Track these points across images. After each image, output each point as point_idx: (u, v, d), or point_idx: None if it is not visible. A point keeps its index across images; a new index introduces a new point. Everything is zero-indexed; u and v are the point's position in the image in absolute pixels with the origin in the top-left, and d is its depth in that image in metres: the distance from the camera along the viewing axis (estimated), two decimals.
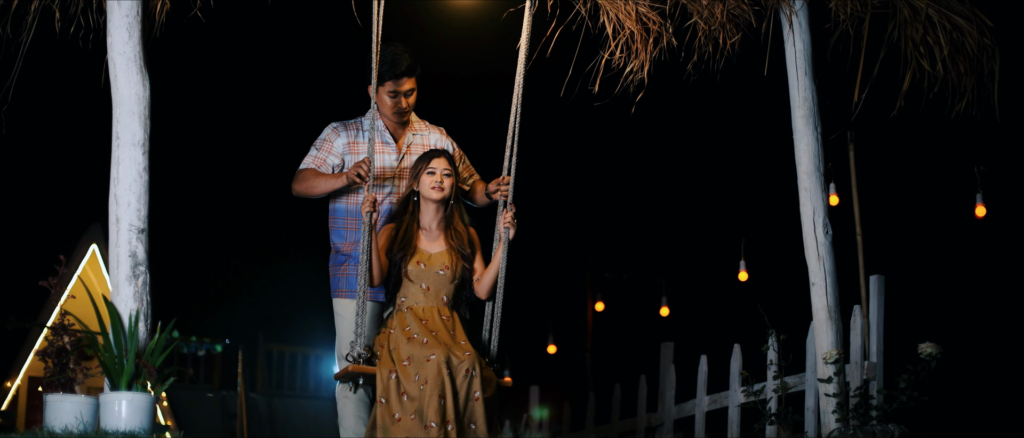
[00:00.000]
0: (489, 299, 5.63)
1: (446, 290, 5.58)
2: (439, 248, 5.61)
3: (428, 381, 5.18)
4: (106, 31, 5.07)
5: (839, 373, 5.46)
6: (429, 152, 5.67)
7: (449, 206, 5.66)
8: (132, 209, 4.95)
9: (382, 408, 5.22)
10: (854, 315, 6.54)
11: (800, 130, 5.78)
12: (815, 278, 5.69)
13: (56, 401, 4.60)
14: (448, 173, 5.60)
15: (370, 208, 5.39)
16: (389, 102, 5.72)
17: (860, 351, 6.47)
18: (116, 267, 4.90)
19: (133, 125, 5.02)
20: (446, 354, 5.23)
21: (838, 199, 8.72)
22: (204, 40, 9.85)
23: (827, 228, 5.71)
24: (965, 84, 5.94)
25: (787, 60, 5.84)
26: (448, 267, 5.57)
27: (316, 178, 5.67)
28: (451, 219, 5.67)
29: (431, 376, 5.18)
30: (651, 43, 5.88)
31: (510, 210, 5.61)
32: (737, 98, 11.93)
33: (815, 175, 5.74)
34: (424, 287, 5.54)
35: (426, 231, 5.63)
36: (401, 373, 5.23)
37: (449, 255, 5.60)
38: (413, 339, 5.36)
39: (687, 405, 8.63)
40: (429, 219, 5.64)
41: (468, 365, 5.22)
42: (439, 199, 5.59)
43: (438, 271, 5.56)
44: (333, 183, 5.62)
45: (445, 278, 5.57)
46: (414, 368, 5.23)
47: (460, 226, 5.68)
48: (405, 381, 5.22)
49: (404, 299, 5.55)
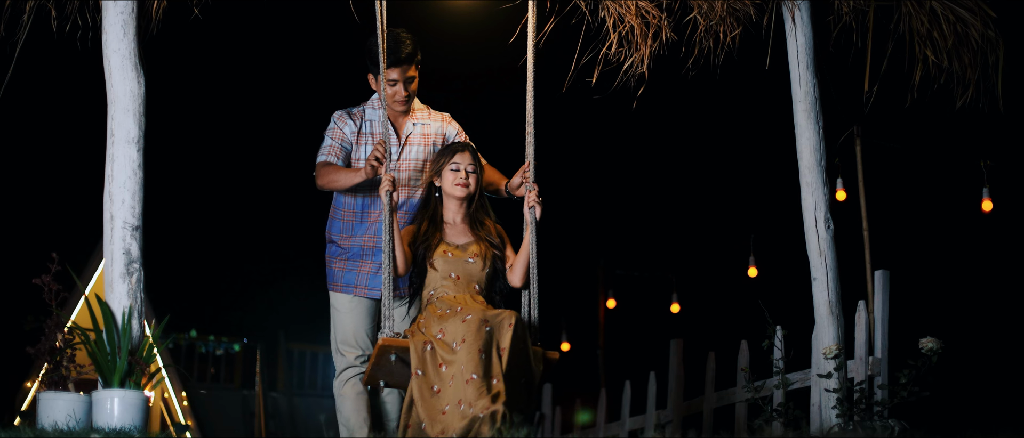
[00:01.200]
0: (524, 287, 5.40)
1: (478, 279, 5.32)
2: (467, 239, 5.40)
3: (466, 339, 4.86)
4: (102, 29, 5.08)
5: (839, 368, 5.40)
6: (453, 146, 5.48)
7: (473, 202, 5.48)
8: (126, 206, 4.95)
9: (419, 380, 4.93)
10: (859, 310, 6.48)
11: (801, 124, 5.73)
12: (817, 273, 5.65)
13: (49, 399, 4.60)
14: (473, 169, 5.42)
15: (389, 187, 5.20)
16: (390, 90, 5.56)
17: (864, 346, 6.40)
18: (110, 264, 4.90)
19: (128, 122, 5.02)
20: (483, 313, 4.96)
21: (845, 194, 8.66)
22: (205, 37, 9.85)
23: (829, 223, 5.66)
24: (969, 76, 5.89)
25: (789, 54, 5.79)
26: (478, 255, 5.34)
27: (337, 172, 5.50)
28: (476, 214, 5.47)
29: (469, 333, 4.87)
30: (650, 37, 5.84)
31: (533, 190, 5.43)
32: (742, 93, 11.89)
33: (817, 169, 5.69)
34: (453, 276, 5.29)
35: (450, 226, 5.43)
36: (437, 344, 4.94)
37: (478, 244, 5.38)
38: (445, 315, 5.09)
39: (696, 402, 8.59)
40: (452, 214, 5.44)
41: (510, 318, 4.92)
42: (463, 196, 5.41)
43: (467, 260, 5.32)
44: (354, 177, 5.44)
45: (475, 266, 5.33)
46: (450, 334, 4.93)
47: (487, 220, 5.47)
48: (442, 350, 4.91)
49: (433, 291, 5.29)
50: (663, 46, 5.87)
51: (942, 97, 5.98)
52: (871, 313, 6.52)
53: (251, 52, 17.56)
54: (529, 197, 5.43)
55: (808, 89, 5.72)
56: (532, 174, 5.47)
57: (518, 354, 4.96)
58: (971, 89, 5.88)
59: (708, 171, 17.94)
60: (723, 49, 5.89)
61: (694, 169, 18.11)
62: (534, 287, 5.39)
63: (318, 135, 5.79)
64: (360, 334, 5.59)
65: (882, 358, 6.37)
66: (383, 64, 5.40)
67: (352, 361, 5.59)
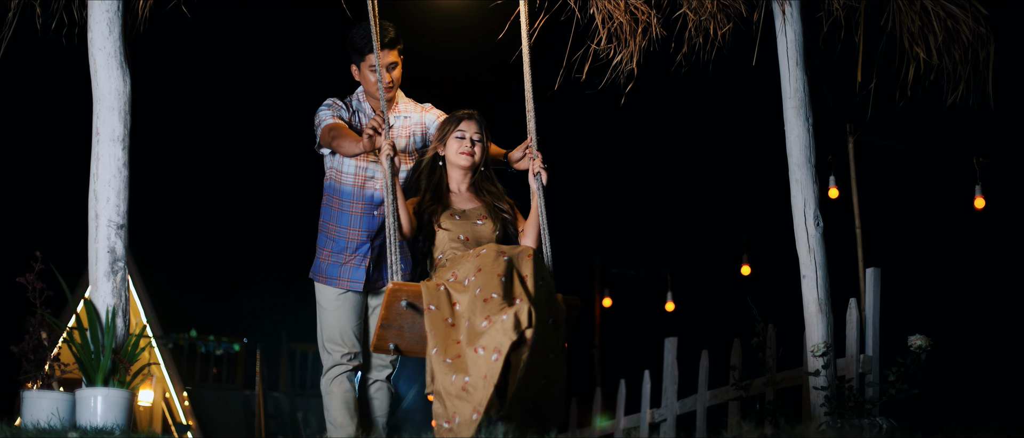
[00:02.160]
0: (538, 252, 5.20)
1: (488, 240, 5.13)
2: (473, 204, 5.28)
3: (481, 268, 4.62)
4: (87, 27, 5.07)
5: (828, 366, 5.38)
6: (458, 114, 5.34)
7: (477, 172, 5.35)
8: (111, 205, 4.94)
9: (431, 315, 4.67)
10: (850, 308, 6.46)
11: (791, 121, 5.70)
12: (806, 270, 5.62)
13: (33, 397, 4.59)
14: (479, 138, 5.28)
15: (390, 151, 5.06)
16: (372, 78, 5.54)
17: (856, 344, 6.39)
18: (95, 263, 4.88)
19: (113, 121, 5.00)
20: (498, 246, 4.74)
21: (838, 192, 8.65)
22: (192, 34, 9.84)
23: (818, 220, 5.63)
24: (960, 73, 5.87)
25: (779, 50, 5.76)
26: (486, 217, 5.21)
27: (343, 135, 5.39)
28: (482, 184, 5.34)
29: (485, 263, 4.63)
30: (639, 33, 5.82)
31: (537, 157, 5.31)
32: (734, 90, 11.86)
33: (806, 166, 5.66)
34: (462, 238, 5.12)
35: (455, 194, 5.30)
36: (450, 286, 4.70)
37: (486, 208, 5.25)
38: (456, 258, 4.90)
39: (689, 400, 8.57)
40: (457, 184, 5.32)
41: (528, 250, 4.72)
42: (468, 166, 5.28)
43: (476, 221, 5.19)
44: (354, 147, 5.33)
45: (485, 228, 5.17)
46: (463, 272, 4.70)
47: (493, 188, 5.35)
48: (455, 290, 4.66)
49: (442, 255, 5.09)
50: (653, 42, 5.85)
51: (933, 94, 5.96)
52: (862, 311, 6.51)
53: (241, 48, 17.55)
54: (534, 164, 5.31)
55: (797, 86, 5.70)
56: (535, 146, 5.40)
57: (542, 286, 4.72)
58: (962, 86, 5.86)
59: (702, 169, 17.93)
60: (713, 45, 5.87)
61: (688, 167, 18.09)
62: (547, 250, 5.23)
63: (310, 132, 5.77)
64: (347, 331, 5.56)
65: (873, 356, 6.36)
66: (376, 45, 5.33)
67: (339, 359, 5.56)
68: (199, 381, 21.14)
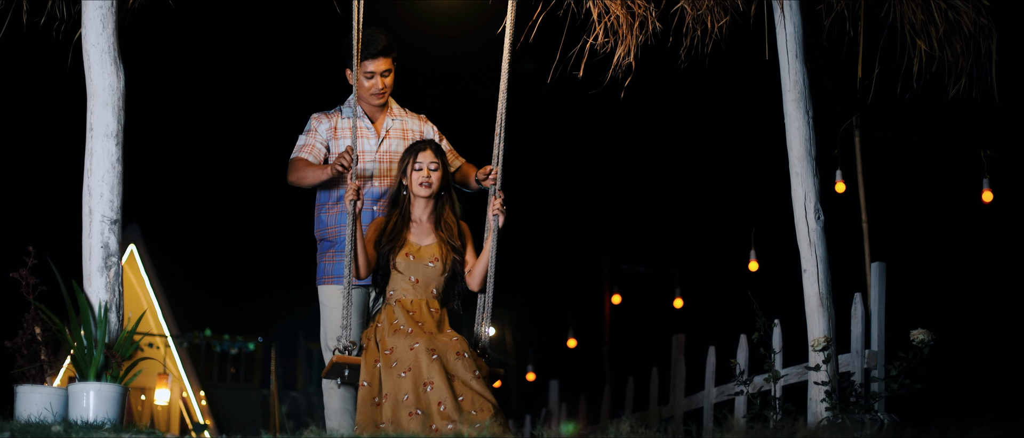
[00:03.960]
0: (481, 291, 5.51)
1: (436, 283, 5.46)
2: (429, 240, 5.50)
3: (410, 369, 5.07)
4: (81, 23, 5.07)
5: (828, 361, 5.34)
6: (414, 145, 5.55)
7: (440, 199, 5.55)
8: (105, 200, 4.94)
9: (364, 390, 5.13)
10: (854, 303, 6.41)
11: (791, 114, 5.66)
12: (807, 264, 5.57)
13: (26, 392, 4.58)
14: (435, 167, 5.48)
15: (353, 196, 5.29)
16: (366, 84, 5.66)
17: (861, 339, 6.34)
18: (88, 258, 4.88)
19: (106, 116, 5.00)
20: (429, 342, 5.12)
21: (845, 186, 8.58)
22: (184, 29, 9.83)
23: (819, 213, 5.58)
24: (962, 65, 5.82)
25: (778, 43, 5.71)
26: (438, 259, 5.45)
27: (306, 169, 5.62)
28: (442, 212, 5.55)
29: (414, 364, 5.07)
30: (636, 28, 5.79)
31: (498, 197, 5.49)
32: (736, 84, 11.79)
33: (806, 160, 5.61)
34: (413, 280, 5.42)
35: (416, 224, 5.52)
36: (384, 362, 5.14)
37: (439, 247, 5.48)
38: (399, 330, 5.26)
39: (696, 397, 8.54)
40: (419, 212, 5.53)
41: (458, 347, 5.12)
42: (427, 195, 5.49)
43: (428, 263, 5.45)
44: (320, 175, 5.56)
45: (435, 271, 5.45)
46: (396, 355, 5.12)
47: (450, 219, 5.55)
48: (386, 373, 5.12)
49: (392, 292, 5.43)
50: (650, 37, 5.81)
51: (938, 87, 5.91)
52: (867, 306, 6.45)
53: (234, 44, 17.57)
54: (494, 204, 5.47)
55: (797, 79, 5.65)
56: (500, 180, 5.48)
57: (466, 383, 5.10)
58: (964, 78, 5.80)
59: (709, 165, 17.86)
60: (711, 39, 5.83)
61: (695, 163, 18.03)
62: (490, 295, 5.48)
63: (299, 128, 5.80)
64: (349, 329, 5.56)
65: (878, 351, 6.30)
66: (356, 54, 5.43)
67: None
68: (217, 380, 21.21)
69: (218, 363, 21.34)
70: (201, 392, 20.75)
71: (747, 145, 15.85)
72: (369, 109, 5.77)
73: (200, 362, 21.10)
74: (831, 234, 5.61)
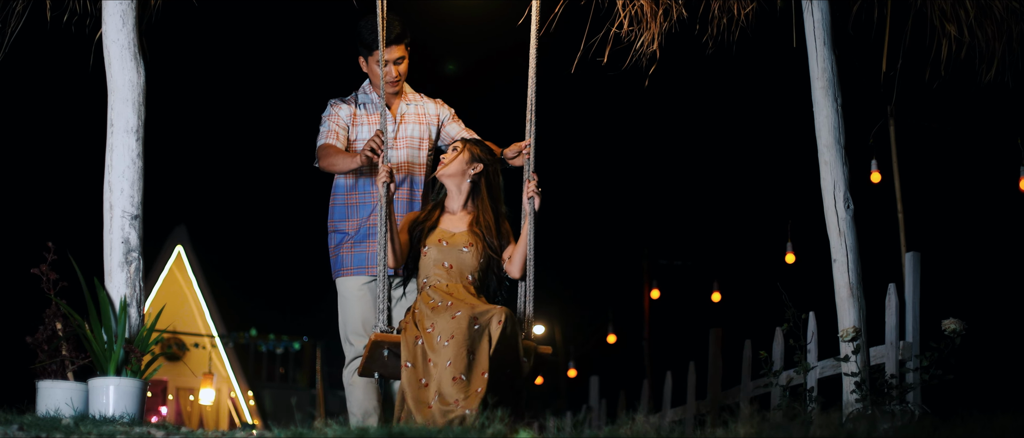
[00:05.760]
0: (522, 278, 5.39)
1: (470, 269, 5.33)
2: (461, 228, 5.42)
3: (454, 335, 4.91)
4: (101, 19, 5.08)
5: (857, 352, 5.25)
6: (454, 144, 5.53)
7: (473, 187, 5.44)
8: (125, 195, 4.95)
9: (408, 372, 4.96)
10: (888, 293, 6.30)
11: (819, 102, 5.57)
12: (837, 254, 5.48)
13: (47, 387, 4.60)
14: (456, 148, 5.44)
15: (387, 179, 5.21)
16: (379, 72, 5.57)
17: (895, 330, 6.24)
18: (109, 253, 4.89)
19: (127, 112, 5.02)
20: (472, 311, 4.99)
21: (880, 176, 8.46)
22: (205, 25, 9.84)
23: (849, 202, 5.49)
24: (994, 49, 5.70)
25: (806, 30, 5.63)
26: (472, 245, 5.34)
27: (337, 155, 5.53)
28: (477, 207, 5.45)
29: (458, 331, 4.91)
30: (660, 15, 5.72)
31: (533, 180, 5.40)
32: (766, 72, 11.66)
33: (835, 148, 5.53)
34: (447, 265, 5.30)
35: (450, 214, 5.45)
36: (426, 339, 4.99)
37: (471, 235, 5.37)
38: (437, 307, 5.13)
39: (732, 391, 8.45)
40: (454, 203, 5.46)
41: (500, 315, 4.95)
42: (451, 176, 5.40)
43: (462, 248, 5.33)
44: (350, 162, 5.47)
45: (469, 256, 5.33)
46: (438, 329, 4.98)
47: (488, 215, 5.44)
48: (430, 349, 4.96)
49: (426, 280, 5.32)
50: (674, 24, 5.74)
51: (970, 73, 5.80)
52: (902, 296, 6.35)
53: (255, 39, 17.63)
54: (528, 187, 5.40)
55: (825, 66, 5.56)
56: (533, 163, 5.40)
57: (506, 350, 4.96)
58: (996, 63, 5.69)
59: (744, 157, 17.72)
60: (738, 26, 5.75)
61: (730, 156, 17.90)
62: (531, 280, 5.38)
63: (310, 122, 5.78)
64: (369, 323, 5.53)
65: (913, 342, 6.19)
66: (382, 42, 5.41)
67: (361, 350, 5.54)
68: (266, 380, 21.31)
69: (266, 363, 21.44)
70: (249, 392, 20.84)
71: (782, 136, 15.73)
72: (384, 95, 5.67)
73: (249, 362, 21.20)
74: (866, 224, 5.51)
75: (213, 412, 20.42)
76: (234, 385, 20.91)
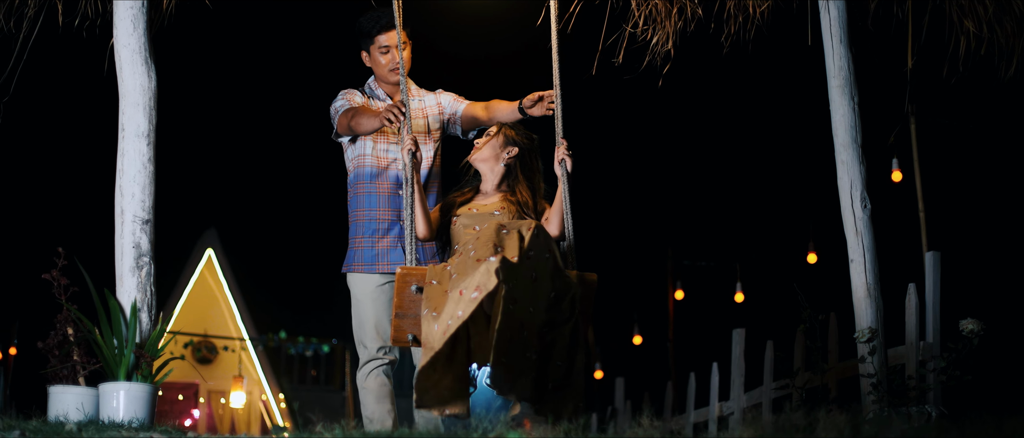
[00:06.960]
0: (561, 239, 5.22)
1: None
2: (495, 198, 5.35)
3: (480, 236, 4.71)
4: (112, 24, 5.09)
5: (874, 353, 5.19)
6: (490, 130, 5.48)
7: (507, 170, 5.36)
8: (136, 200, 4.95)
9: (430, 289, 4.72)
10: (908, 294, 6.24)
11: (836, 100, 5.52)
12: (854, 254, 5.44)
13: (58, 392, 4.61)
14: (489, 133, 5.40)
15: (412, 147, 5.16)
16: (382, 60, 5.56)
17: (915, 331, 6.16)
18: (120, 258, 4.90)
19: (138, 117, 5.02)
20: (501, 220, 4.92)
21: (901, 175, 8.37)
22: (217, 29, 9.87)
23: (866, 202, 5.44)
24: (1013, 46, 5.64)
25: (822, 27, 5.58)
26: (503, 208, 5.27)
27: (361, 114, 5.40)
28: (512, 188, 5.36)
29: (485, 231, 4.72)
30: (675, 14, 5.68)
31: (562, 144, 5.26)
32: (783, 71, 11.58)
33: (852, 147, 5.48)
34: (477, 229, 5.19)
35: (484, 194, 5.40)
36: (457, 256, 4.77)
37: (504, 201, 5.30)
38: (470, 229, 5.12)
39: (756, 392, 8.39)
40: (487, 185, 5.39)
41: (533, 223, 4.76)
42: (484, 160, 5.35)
43: (493, 212, 5.26)
44: (374, 121, 5.32)
45: (500, 218, 5.21)
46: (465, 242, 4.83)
47: (525, 193, 5.34)
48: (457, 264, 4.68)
49: (457, 246, 5.21)
50: (689, 23, 5.70)
51: (989, 70, 5.74)
52: (922, 296, 6.28)
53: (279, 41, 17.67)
54: (558, 151, 5.26)
55: (842, 64, 5.51)
56: (561, 129, 5.28)
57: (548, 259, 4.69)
58: (1015, 60, 5.62)
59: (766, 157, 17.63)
60: (753, 25, 5.71)
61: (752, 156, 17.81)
62: (570, 236, 5.18)
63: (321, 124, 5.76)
64: (383, 325, 5.49)
65: (933, 343, 6.12)
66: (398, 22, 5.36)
67: (375, 353, 5.50)
68: (297, 383, 21.34)
69: (298, 366, 21.49)
70: (280, 395, 20.89)
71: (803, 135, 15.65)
72: (388, 88, 5.67)
73: (280, 365, 21.26)
74: (886, 224, 5.46)
75: (244, 415, 20.48)
76: (265, 388, 20.96)
